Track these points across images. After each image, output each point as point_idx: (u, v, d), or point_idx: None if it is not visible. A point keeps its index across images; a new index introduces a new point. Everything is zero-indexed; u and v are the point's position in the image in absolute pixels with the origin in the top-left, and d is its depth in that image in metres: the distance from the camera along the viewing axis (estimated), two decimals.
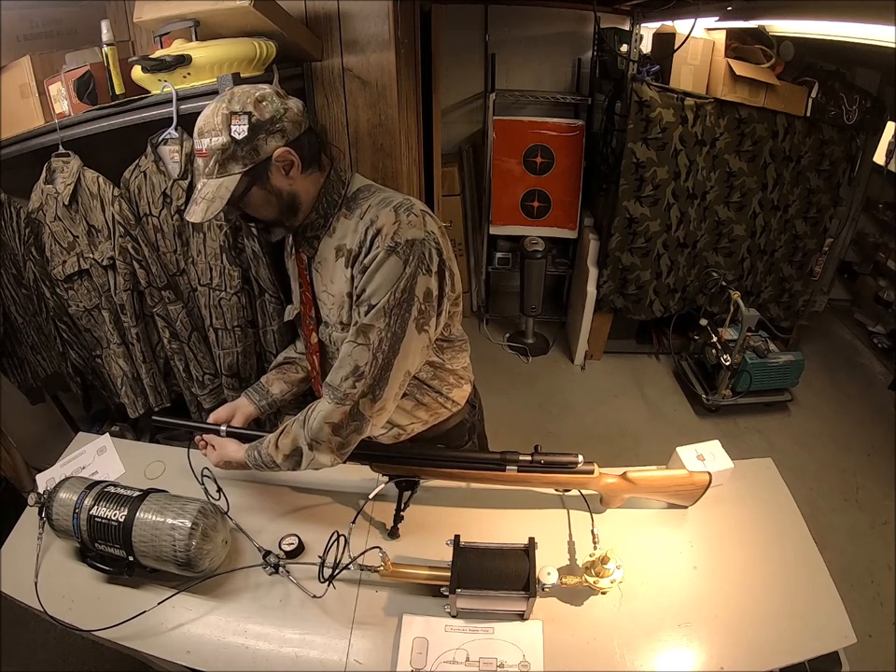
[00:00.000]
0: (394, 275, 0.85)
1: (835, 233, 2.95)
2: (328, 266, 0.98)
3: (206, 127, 0.85)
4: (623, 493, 1.05)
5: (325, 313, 1.03)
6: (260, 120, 0.85)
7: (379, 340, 0.87)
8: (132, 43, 1.72)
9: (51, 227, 1.49)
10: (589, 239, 2.92)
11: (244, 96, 0.85)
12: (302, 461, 0.95)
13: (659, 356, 3.13)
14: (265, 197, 0.91)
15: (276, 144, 0.87)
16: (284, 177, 0.90)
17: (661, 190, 2.57)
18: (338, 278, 0.96)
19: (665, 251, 2.74)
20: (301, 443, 0.94)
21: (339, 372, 0.90)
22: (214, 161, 0.86)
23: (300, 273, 1.05)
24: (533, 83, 3.08)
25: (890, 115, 2.62)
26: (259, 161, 0.87)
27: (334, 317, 1.00)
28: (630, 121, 2.43)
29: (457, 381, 1.14)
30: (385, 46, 1.64)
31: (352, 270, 0.92)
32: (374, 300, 0.87)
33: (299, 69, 1.69)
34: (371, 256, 0.87)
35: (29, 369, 1.77)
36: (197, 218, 0.88)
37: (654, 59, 2.52)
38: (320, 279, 1.01)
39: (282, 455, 0.96)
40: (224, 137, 0.84)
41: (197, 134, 0.87)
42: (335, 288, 0.98)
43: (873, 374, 3.01)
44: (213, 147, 0.85)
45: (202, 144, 0.86)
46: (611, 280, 2.81)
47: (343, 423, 0.90)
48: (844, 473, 2.38)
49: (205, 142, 0.85)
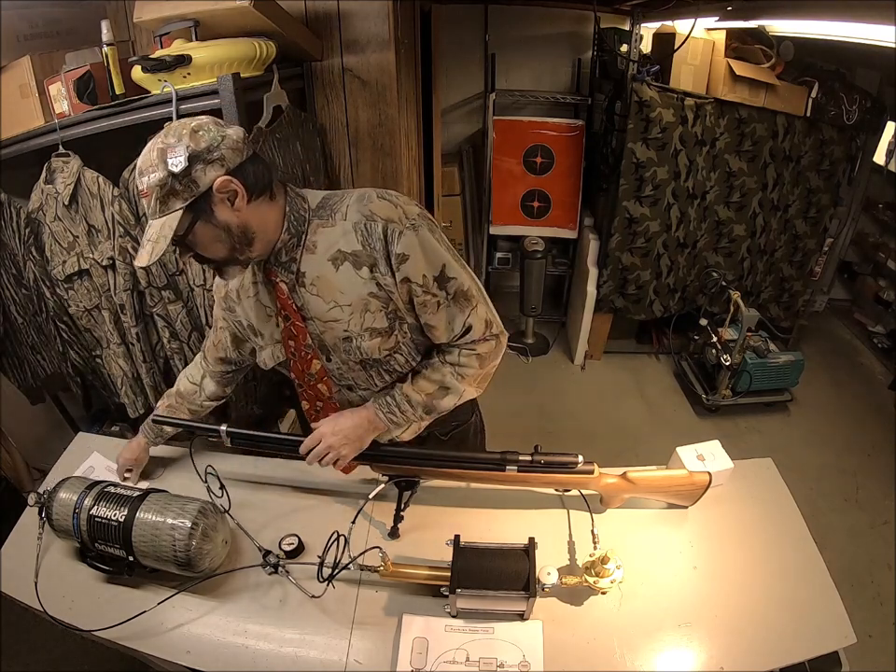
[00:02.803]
0: (433, 242, 0.91)
1: (835, 233, 2.95)
2: (328, 280, 0.93)
3: (144, 165, 0.81)
4: (623, 493, 1.05)
5: (335, 332, 0.96)
6: (196, 150, 0.81)
7: (468, 287, 0.94)
8: (132, 43, 1.72)
9: (51, 227, 1.49)
10: (589, 239, 2.92)
11: (179, 128, 0.82)
12: (448, 396, 1.00)
13: (659, 356, 3.13)
14: (213, 232, 0.86)
15: (216, 174, 0.82)
16: (229, 209, 0.85)
17: (661, 190, 2.57)
18: (350, 285, 0.92)
19: (665, 251, 2.74)
20: (448, 380, 0.99)
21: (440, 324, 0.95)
22: (154, 198, 0.82)
23: (282, 306, 0.97)
24: (533, 83, 3.08)
25: (890, 115, 2.62)
26: (199, 193, 0.82)
27: (356, 328, 0.95)
28: (630, 121, 2.43)
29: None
30: (384, 46, 1.64)
31: (370, 269, 0.90)
32: (436, 269, 0.91)
33: (299, 69, 1.69)
34: (402, 243, 0.88)
35: (29, 369, 1.77)
36: (143, 262, 0.84)
37: (654, 59, 2.52)
38: (319, 300, 0.94)
39: (423, 394, 0.99)
40: (161, 172, 0.80)
41: (138, 174, 0.82)
42: (349, 297, 0.93)
43: (873, 374, 3.01)
44: (152, 185, 0.81)
45: (143, 183, 0.82)
46: (611, 280, 2.81)
47: (486, 354, 0.99)
48: (844, 473, 2.38)
49: (145, 180, 0.81)
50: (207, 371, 1.19)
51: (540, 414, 2.75)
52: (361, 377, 1.03)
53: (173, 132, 0.82)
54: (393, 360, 1.00)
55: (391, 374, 1.03)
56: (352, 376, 1.03)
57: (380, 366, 1.01)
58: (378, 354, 0.97)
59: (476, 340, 0.97)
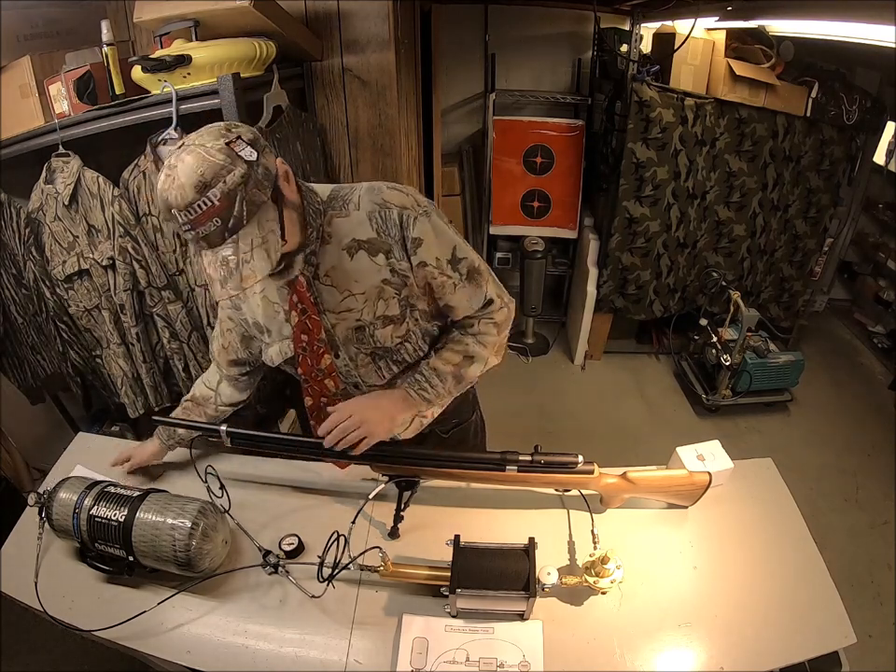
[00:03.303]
0: (443, 226, 0.95)
1: (835, 233, 2.95)
2: (342, 270, 0.94)
3: (208, 173, 0.74)
4: (623, 493, 1.05)
5: (348, 323, 0.97)
6: (250, 137, 0.79)
7: (477, 264, 0.99)
8: (132, 43, 1.72)
9: (51, 227, 1.49)
10: (589, 239, 2.92)
11: (211, 131, 0.78)
12: (474, 364, 1.03)
13: (659, 356, 3.13)
14: (289, 216, 0.85)
15: (272, 155, 0.81)
16: (290, 188, 0.85)
17: (661, 190, 2.57)
18: (365, 273, 0.94)
19: (665, 251, 2.74)
20: (472, 349, 1.02)
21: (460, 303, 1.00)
22: (240, 202, 0.76)
23: (300, 299, 0.96)
24: (533, 83, 3.08)
25: (890, 115, 2.62)
26: (274, 178, 0.80)
27: (369, 316, 0.96)
28: (630, 121, 2.43)
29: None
30: (384, 46, 1.64)
31: (386, 256, 0.92)
32: (448, 251, 0.95)
33: (299, 69, 1.69)
34: (417, 228, 0.91)
35: (29, 369, 1.77)
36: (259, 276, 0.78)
37: (654, 59, 2.52)
38: (333, 290, 0.95)
39: (451, 365, 1.01)
40: (239, 168, 0.75)
41: (197, 192, 0.74)
42: (363, 285, 0.95)
43: (873, 374, 3.01)
44: (232, 187, 0.75)
45: (211, 197, 0.74)
46: (611, 280, 2.81)
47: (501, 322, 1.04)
48: (844, 473, 2.38)
49: (216, 192, 0.74)
50: (223, 376, 1.18)
51: (540, 414, 2.75)
52: (369, 371, 1.04)
53: (212, 133, 0.77)
54: (403, 349, 1.02)
55: (398, 365, 1.04)
56: (359, 373, 1.04)
57: (389, 356, 1.02)
58: (391, 342, 0.99)
59: (493, 310, 1.03)
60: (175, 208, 0.75)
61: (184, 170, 0.74)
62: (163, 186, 0.76)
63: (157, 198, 0.81)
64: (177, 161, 0.76)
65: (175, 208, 0.75)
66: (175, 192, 0.75)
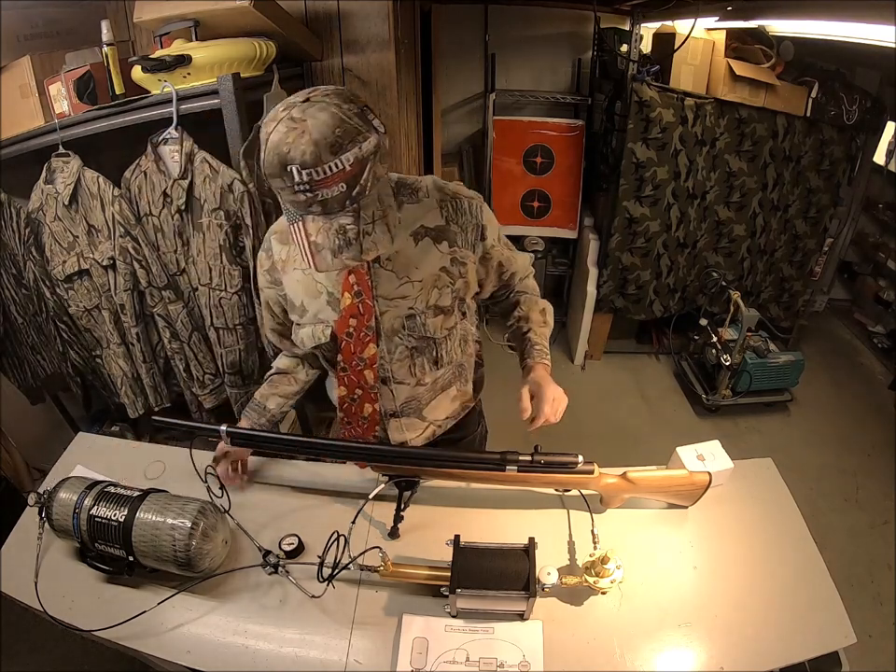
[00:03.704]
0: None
1: (835, 233, 2.95)
2: (405, 255, 0.93)
3: (345, 136, 0.69)
4: (623, 493, 1.05)
5: (399, 310, 0.96)
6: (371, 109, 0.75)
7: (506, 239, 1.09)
8: (132, 43, 1.72)
9: (51, 227, 1.49)
10: (589, 239, 2.92)
11: (339, 91, 0.72)
12: (548, 312, 1.17)
13: (659, 356, 3.13)
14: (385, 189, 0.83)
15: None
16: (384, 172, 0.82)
17: (661, 190, 2.57)
18: (426, 260, 0.94)
19: (665, 251, 2.74)
20: (540, 302, 1.16)
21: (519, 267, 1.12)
22: (368, 171, 0.72)
23: (357, 281, 0.93)
24: (533, 83, 3.08)
25: (890, 115, 2.62)
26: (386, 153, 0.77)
27: (422, 305, 0.96)
28: (630, 121, 2.43)
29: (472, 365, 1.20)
30: (384, 46, 1.64)
31: (450, 244, 0.96)
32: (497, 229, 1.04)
33: (299, 69, 1.69)
34: (484, 215, 0.99)
35: (29, 369, 1.77)
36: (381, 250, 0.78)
37: (654, 59, 2.52)
38: (391, 276, 0.94)
39: (543, 324, 1.15)
40: (373, 136, 0.72)
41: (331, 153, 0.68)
42: (422, 273, 0.94)
43: (873, 374, 3.01)
44: (366, 154, 0.71)
45: (344, 161, 0.69)
46: (611, 280, 2.81)
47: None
48: (844, 473, 2.38)
49: (349, 156, 0.69)
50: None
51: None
52: (402, 367, 1.03)
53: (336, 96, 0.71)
54: (444, 345, 1.03)
55: (433, 365, 1.05)
56: (392, 367, 1.03)
57: (429, 352, 1.02)
58: (439, 332, 1.00)
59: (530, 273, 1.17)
60: (298, 165, 0.68)
61: (317, 126, 0.68)
62: (286, 138, 0.69)
63: (267, 150, 0.71)
64: (305, 115, 0.69)
65: (296, 165, 0.68)
66: (303, 148, 0.68)
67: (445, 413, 1.15)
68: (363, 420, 1.09)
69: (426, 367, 1.04)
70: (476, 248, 0.99)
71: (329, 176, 0.70)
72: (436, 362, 1.04)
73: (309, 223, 0.75)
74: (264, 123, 0.74)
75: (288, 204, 0.76)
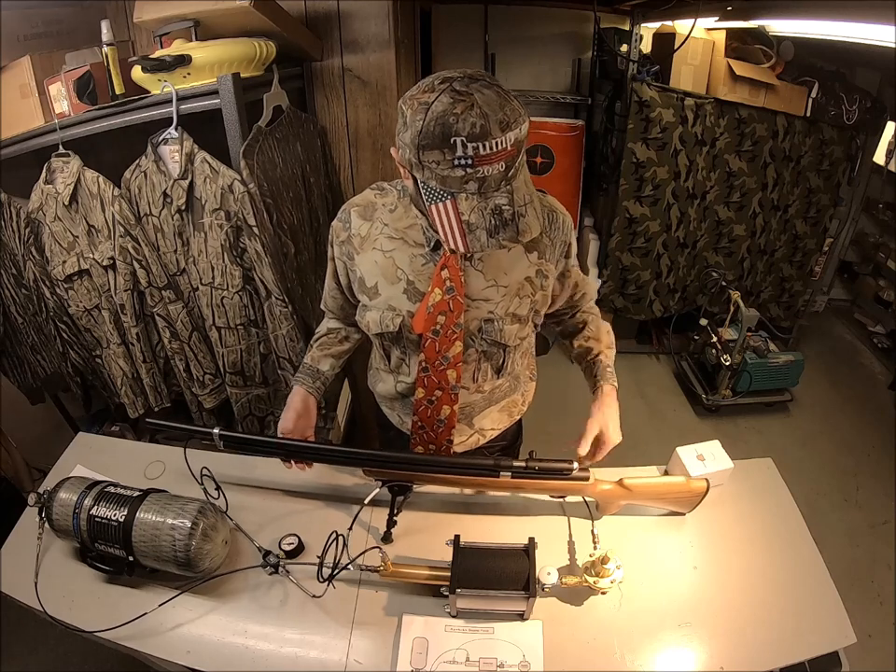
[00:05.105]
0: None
1: (835, 233, 2.95)
2: (497, 258, 0.94)
3: (511, 115, 0.69)
4: (620, 500, 1.04)
5: (479, 313, 0.96)
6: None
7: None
8: (132, 43, 1.72)
9: (51, 227, 1.49)
10: (589, 239, 2.92)
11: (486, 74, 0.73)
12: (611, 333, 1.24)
13: (659, 356, 3.13)
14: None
15: None
16: None
17: (661, 190, 2.57)
18: (516, 266, 0.95)
19: (665, 251, 2.74)
20: (604, 323, 1.23)
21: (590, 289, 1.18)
22: (521, 154, 0.73)
23: (451, 276, 0.91)
24: (533, 83, 3.08)
25: (890, 115, 2.62)
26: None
27: (502, 311, 0.96)
28: (630, 121, 2.43)
29: (531, 374, 1.23)
30: (385, 46, 1.64)
31: (539, 255, 0.97)
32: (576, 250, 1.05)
33: (299, 69, 1.69)
34: (573, 233, 1.02)
35: (29, 369, 1.77)
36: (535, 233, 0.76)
37: (654, 59, 2.53)
38: (480, 276, 0.94)
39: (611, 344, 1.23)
40: (527, 122, 0.71)
41: (500, 130, 0.68)
42: (510, 278, 0.95)
43: (873, 374, 3.01)
44: (523, 136, 0.71)
45: (507, 139, 0.69)
46: (611, 280, 2.81)
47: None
48: (844, 473, 2.38)
49: (511, 136, 0.69)
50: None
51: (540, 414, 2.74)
52: (467, 371, 1.01)
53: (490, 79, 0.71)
54: (513, 353, 1.04)
55: (497, 373, 1.05)
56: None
57: (497, 359, 1.03)
58: (513, 341, 1.00)
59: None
60: (466, 137, 0.67)
61: (487, 102, 0.68)
62: (455, 109, 0.67)
63: (428, 119, 0.69)
64: (473, 90, 0.69)
65: (463, 137, 0.67)
66: (473, 120, 0.67)
67: (492, 424, 1.13)
68: (439, 423, 1.05)
69: (488, 373, 1.04)
70: (559, 264, 1.01)
71: (494, 153, 0.69)
72: (498, 371, 1.04)
73: (462, 202, 0.73)
74: (410, 97, 0.73)
75: (438, 181, 0.73)
